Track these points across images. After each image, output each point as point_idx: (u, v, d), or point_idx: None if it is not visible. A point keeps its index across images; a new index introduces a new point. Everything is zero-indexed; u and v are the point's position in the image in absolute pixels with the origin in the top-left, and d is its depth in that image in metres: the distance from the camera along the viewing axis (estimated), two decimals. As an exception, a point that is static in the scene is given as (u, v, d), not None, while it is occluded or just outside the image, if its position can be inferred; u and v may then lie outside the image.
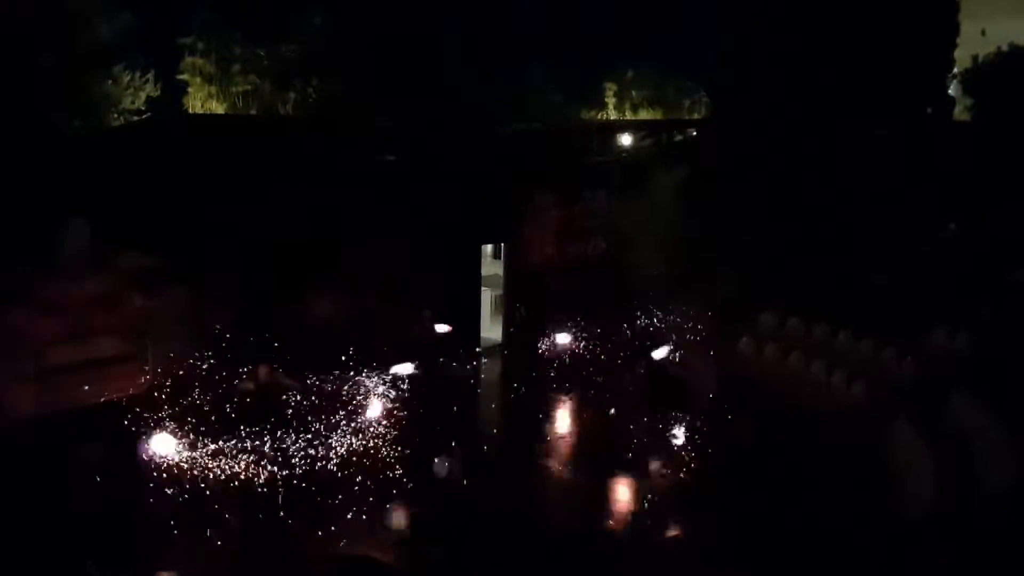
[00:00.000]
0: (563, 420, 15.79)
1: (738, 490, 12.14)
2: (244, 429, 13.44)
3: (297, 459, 12.83)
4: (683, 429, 14.72)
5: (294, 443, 13.28)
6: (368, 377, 15.78)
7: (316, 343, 15.69)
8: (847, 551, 10.28)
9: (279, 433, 13.47)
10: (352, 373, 15.74)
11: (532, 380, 16.95)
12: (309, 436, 13.53)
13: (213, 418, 13.59)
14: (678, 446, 14.23)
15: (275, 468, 12.52)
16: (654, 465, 13.47)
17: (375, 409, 14.62)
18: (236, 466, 12.52)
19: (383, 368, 16.05)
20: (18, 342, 13.22)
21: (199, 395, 14.12)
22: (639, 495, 12.66)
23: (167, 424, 13.22)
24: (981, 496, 11.10)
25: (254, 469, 12.47)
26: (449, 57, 25.41)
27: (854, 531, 10.68)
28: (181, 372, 14.31)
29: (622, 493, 12.91)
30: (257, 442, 13.17)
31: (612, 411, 15.52)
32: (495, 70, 27.77)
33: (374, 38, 25.22)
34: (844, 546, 10.37)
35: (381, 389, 15.45)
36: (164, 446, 12.78)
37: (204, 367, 14.44)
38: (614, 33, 37.16)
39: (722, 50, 24.18)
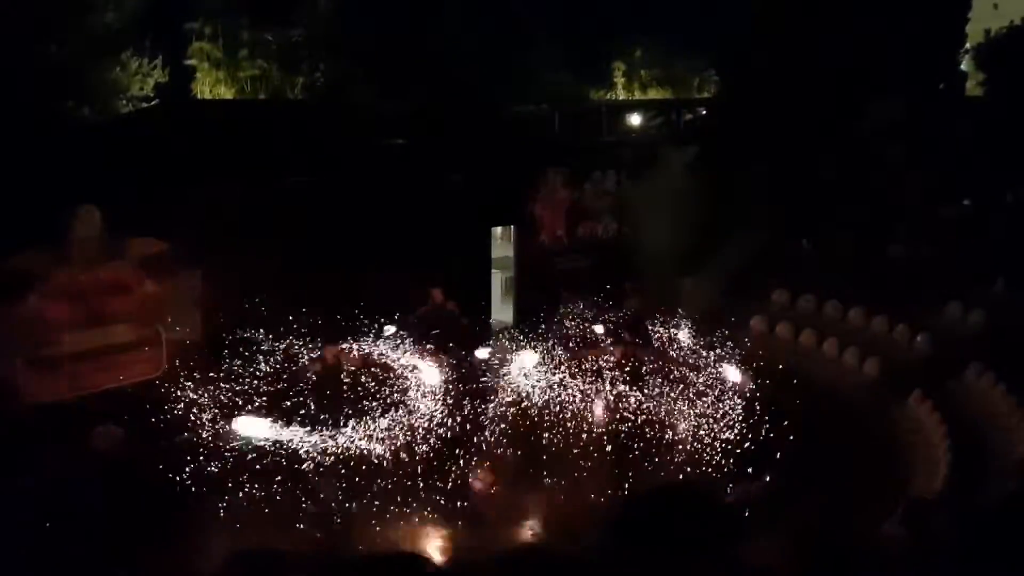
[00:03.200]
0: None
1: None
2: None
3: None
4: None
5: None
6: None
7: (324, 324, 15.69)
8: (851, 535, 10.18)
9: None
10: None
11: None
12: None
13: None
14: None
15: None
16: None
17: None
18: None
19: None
20: (30, 330, 13.33)
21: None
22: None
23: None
24: (994, 473, 11.08)
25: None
26: (456, 38, 25.28)
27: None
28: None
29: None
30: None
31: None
32: (503, 51, 27.63)
33: (379, 20, 25.10)
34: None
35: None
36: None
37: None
38: (622, 11, 36.80)
39: (731, 26, 24.05)
